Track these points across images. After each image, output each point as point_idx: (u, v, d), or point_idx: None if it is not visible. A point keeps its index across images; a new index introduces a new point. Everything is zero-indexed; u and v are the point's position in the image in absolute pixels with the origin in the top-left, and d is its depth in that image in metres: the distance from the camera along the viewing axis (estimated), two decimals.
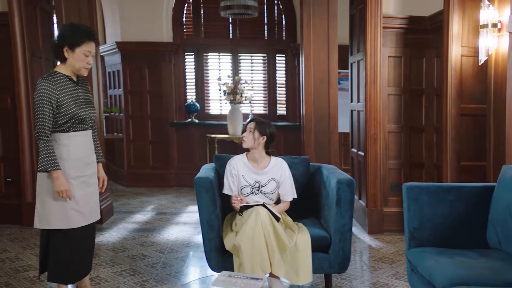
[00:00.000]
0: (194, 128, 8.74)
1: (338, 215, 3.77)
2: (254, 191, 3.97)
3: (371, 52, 5.60)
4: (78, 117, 3.30)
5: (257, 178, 3.98)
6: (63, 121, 3.24)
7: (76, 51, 3.26)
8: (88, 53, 3.30)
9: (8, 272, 4.36)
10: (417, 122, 5.80)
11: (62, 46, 3.26)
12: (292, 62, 9.07)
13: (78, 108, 3.30)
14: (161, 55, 8.58)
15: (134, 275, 4.34)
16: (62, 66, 3.34)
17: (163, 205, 7.23)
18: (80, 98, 3.34)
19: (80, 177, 3.36)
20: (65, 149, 3.28)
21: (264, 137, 3.96)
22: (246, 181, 3.97)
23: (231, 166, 4.02)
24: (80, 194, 3.35)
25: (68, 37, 3.27)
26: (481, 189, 3.57)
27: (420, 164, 5.84)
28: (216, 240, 3.74)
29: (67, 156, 3.29)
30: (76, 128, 3.31)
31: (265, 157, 4.04)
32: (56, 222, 3.29)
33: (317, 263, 3.75)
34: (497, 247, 3.38)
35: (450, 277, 2.86)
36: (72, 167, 3.31)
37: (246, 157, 4.06)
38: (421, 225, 3.51)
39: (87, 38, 3.29)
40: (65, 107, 3.24)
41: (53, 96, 3.20)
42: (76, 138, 3.32)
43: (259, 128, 3.97)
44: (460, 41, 4.94)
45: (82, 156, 3.37)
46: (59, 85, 3.25)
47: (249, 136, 3.97)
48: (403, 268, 4.58)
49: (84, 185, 3.39)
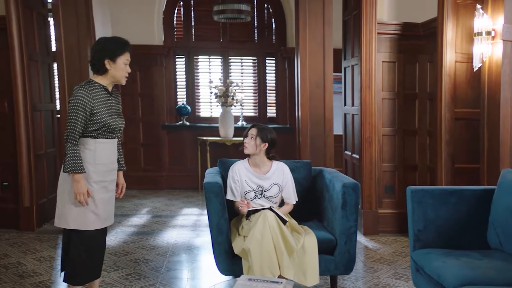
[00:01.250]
0: (185, 131, 8.80)
1: (344, 218, 3.88)
2: (258, 196, 4.06)
3: (366, 58, 5.73)
4: (109, 126, 3.43)
5: (260, 183, 4.07)
6: (94, 128, 3.37)
7: (117, 61, 3.42)
8: (127, 61, 3.49)
9: (12, 278, 4.37)
10: (410, 126, 5.95)
11: (104, 59, 3.40)
12: (282, 65, 9.18)
13: (109, 117, 3.43)
14: (153, 58, 8.61)
15: (140, 279, 4.39)
16: (98, 76, 3.47)
17: (157, 207, 7.28)
18: (112, 108, 3.48)
19: (101, 182, 3.47)
20: (91, 154, 3.41)
21: (266, 144, 4.05)
22: (249, 186, 4.06)
23: (233, 172, 4.10)
24: (100, 198, 3.47)
25: (109, 50, 3.43)
26: (482, 192, 3.72)
27: (414, 167, 5.99)
28: (225, 244, 3.82)
29: (92, 161, 3.41)
30: (105, 136, 3.44)
31: (266, 162, 4.13)
32: (74, 222, 3.40)
33: (323, 265, 3.86)
34: (498, 247, 3.53)
35: (459, 277, 2.99)
36: (96, 171, 3.42)
37: (248, 163, 4.14)
38: (425, 227, 3.64)
39: (125, 48, 3.48)
40: (99, 115, 3.37)
41: (88, 103, 3.32)
42: (103, 145, 3.45)
43: (261, 135, 4.05)
44: (454, 47, 5.09)
45: (106, 162, 3.48)
46: (95, 94, 3.38)
47: (251, 143, 4.06)
48: (402, 268, 4.72)
49: (104, 190, 3.50)
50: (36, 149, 5.90)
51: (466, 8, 5.03)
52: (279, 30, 9.19)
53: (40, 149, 6.04)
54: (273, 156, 4.15)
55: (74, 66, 5.88)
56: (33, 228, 5.81)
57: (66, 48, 5.87)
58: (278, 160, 4.18)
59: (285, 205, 4.14)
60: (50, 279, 4.32)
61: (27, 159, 5.80)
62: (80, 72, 5.87)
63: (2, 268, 4.58)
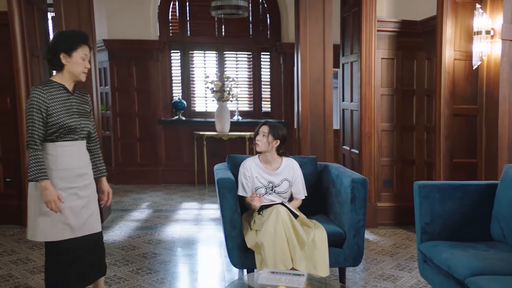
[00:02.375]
0: (181, 126, 8.86)
1: (352, 212, 4.00)
2: (268, 191, 4.17)
3: (366, 55, 5.86)
4: (67, 127, 3.21)
5: (270, 178, 4.17)
6: (52, 131, 3.16)
7: (73, 55, 3.21)
8: (85, 56, 3.26)
9: (24, 273, 4.42)
10: (408, 121, 6.09)
11: (59, 53, 3.22)
12: (277, 60, 9.28)
13: (68, 117, 3.22)
14: (148, 53, 8.65)
15: (151, 273, 4.47)
16: (58, 75, 3.28)
17: (156, 202, 7.35)
18: (73, 108, 3.26)
19: (69, 188, 3.24)
20: (52, 159, 3.19)
21: (278, 141, 4.15)
22: (260, 182, 4.16)
23: (245, 168, 4.20)
24: (69, 206, 3.23)
25: (63, 43, 3.24)
26: (485, 187, 3.86)
27: (411, 161, 6.14)
28: (238, 238, 3.92)
29: (54, 167, 3.19)
30: (65, 138, 3.21)
31: (277, 159, 4.23)
32: (42, 234, 3.23)
33: (333, 257, 3.97)
34: (501, 239, 3.68)
35: (469, 268, 3.13)
36: (60, 177, 3.21)
37: (259, 159, 4.24)
38: (432, 221, 3.78)
39: (82, 41, 3.27)
40: (55, 116, 3.16)
41: (43, 104, 3.14)
42: (64, 148, 3.22)
43: (273, 132, 4.14)
44: (452, 45, 5.22)
45: (71, 167, 3.25)
46: (51, 94, 3.19)
47: (263, 140, 4.15)
48: (404, 260, 4.87)
49: (74, 197, 3.26)
50: None
51: (465, 7, 5.17)
52: (274, 25, 9.28)
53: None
54: (283, 153, 4.25)
55: None
56: None
57: None
58: (287, 156, 4.29)
59: (294, 200, 4.25)
60: None
61: None
62: None
63: (12, 264, 4.63)
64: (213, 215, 6.62)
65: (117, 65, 8.55)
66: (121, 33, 8.47)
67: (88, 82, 5.94)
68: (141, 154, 8.75)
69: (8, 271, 4.45)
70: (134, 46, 8.54)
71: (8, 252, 4.99)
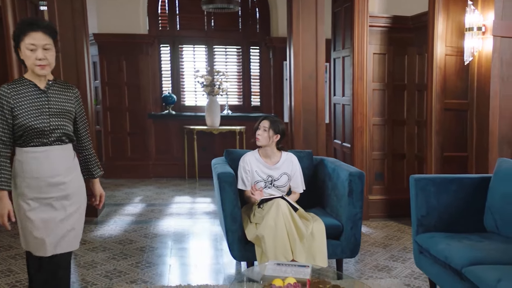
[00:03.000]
0: (171, 120, 8.88)
1: (350, 205, 4.09)
2: (267, 185, 4.24)
3: (359, 50, 5.94)
4: (33, 129, 2.84)
5: (270, 172, 4.25)
6: (18, 134, 2.83)
7: (21, 47, 2.82)
8: (32, 46, 2.79)
9: (24, 268, 4.37)
10: (399, 116, 6.20)
11: (16, 48, 2.88)
12: (266, 54, 9.33)
13: (35, 118, 2.85)
14: (138, 47, 8.65)
15: (150, 266, 4.52)
16: (28, 71, 2.92)
17: (149, 196, 7.38)
18: (43, 108, 2.88)
19: (40, 199, 2.89)
20: (19, 165, 2.86)
21: (278, 135, 4.22)
22: (259, 176, 4.24)
23: (245, 162, 4.27)
24: (40, 218, 2.89)
25: (14, 35, 2.87)
26: (479, 180, 3.97)
27: (402, 155, 6.26)
28: (239, 232, 3.99)
29: (22, 174, 2.86)
30: (32, 142, 2.85)
31: (276, 153, 4.31)
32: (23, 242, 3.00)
33: (330, 249, 4.07)
34: (494, 231, 3.79)
35: (466, 258, 3.23)
36: (27, 186, 2.87)
37: (259, 153, 4.31)
38: (428, 213, 3.87)
39: (27, 29, 2.81)
40: (19, 117, 2.82)
41: (6, 104, 2.81)
42: (30, 154, 2.86)
43: (273, 127, 4.22)
44: (444, 41, 5.32)
45: (41, 176, 2.88)
46: (17, 92, 2.85)
47: (264, 135, 4.22)
48: (397, 251, 4.98)
49: (47, 208, 2.90)
50: None
51: (456, 3, 5.26)
52: (263, 19, 9.33)
53: None
54: (282, 147, 4.33)
55: (70, 59, 5.89)
56: None
57: (62, 40, 5.85)
58: (286, 151, 4.36)
59: (292, 194, 4.33)
60: None
61: None
62: (76, 65, 5.89)
63: (11, 260, 4.64)
64: (206, 209, 6.68)
65: (107, 59, 8.53)
66: (111, 27, 8.45)
67: (82, 76, 5.94)
68: (132, 148, 8.76)
69: (8, 266, 4.46)
70: (124, 40, 8.53)
71: (5, 247, 4.99)
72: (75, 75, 5.90)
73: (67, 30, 5.85)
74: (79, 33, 5.92)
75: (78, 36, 5.92)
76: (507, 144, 4.79)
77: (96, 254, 4.79)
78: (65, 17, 5.83)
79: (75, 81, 5.87)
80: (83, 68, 5.94)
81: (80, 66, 5.91)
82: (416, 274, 4.37)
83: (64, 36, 5.83)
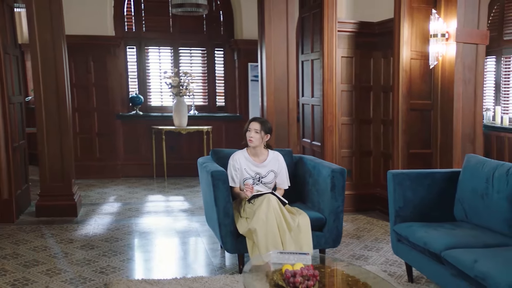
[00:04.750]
0: (139, 120, 9.01)
1: (332, 199, 4.42)
2: (255, 182, 4.52)
3: (328, 53, 6.28)
4: None
5: (258, 170, 4.53)
6: None
7: None
8: None
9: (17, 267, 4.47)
10: (366, 115, 6.60)
11: None
12: (230, 55, 9.59)
13: None
14: (106, 48, 8.73)
15: (142, 262, 4.71)
16: None
17: (122, 196, 7.50)
18: None
19: None
20: None
21: (268, 135, 4.52)
22: (248, 173, 4.51)
23: (234, 160, 4.53)
24: None
25: None
26: (450, 174, 4.37)
27: (369, 152, 6.66)
28: (231, 226, 4.25)
29: None
30: None
31: (264, 151, 4.60)
32: None
33: (315, 240, 4.38)
34: (464, 220, 4.19)
35: (444, 243, 3.61)
36: None
37: (247, 152, 4.59)
38: (405, 205, 4.24)
39: None
40: None
41: None
42: None
43: (264, 128, 4.52)
44: (409, 46, 5.73)
45: None
46: None
47: (256, 136, 4.51)
48: (370, 241, 5.36)
49: None
50: (13, 142, 5.96)
51: (420, 11, 5.68)
52: (227, 22, 9.57)
53: (15, 142, 6.10)
54: (269, 145, 4.62)
55: (49, 62, 5.97)
56: (13, 219, 5.87)
57: (41, 43, 5.93)
58: (272, 149, 4.65)
59: (278, 190, 4.63)
60: (56, 267, 4.51)
61: (5, 152, 5.84)
62: (55, 68, 5.98)
63: (3, 260, 4.70)
64: (181, 207, 6.88)
65: (75, 60, 8.54)
66: (78, 28, 8.48)
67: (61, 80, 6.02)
68: (100, 148, 8.83)
69: (1, 266, 4.54)
70: (91, 42, 8.59)
71: None
72: (54, 78, 5.99)
73: (45, 33, 5.93)
74: (57, 36, 6.02)
75: (57, 40, 6.01)
76: (469, 142, 5.25)
77: (86, 252, 4.93)
78: (43, 21, 5.90)
79: (54, 85, 5.97)
80: (62, 72, 6.05)
81: (59, 69, 6.02)
82: (391, 261, 4.75)
83: (43, 39, 5.91)
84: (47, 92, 5.99)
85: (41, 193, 6.15)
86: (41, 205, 6.09)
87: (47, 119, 6.01)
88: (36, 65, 5.93)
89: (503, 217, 3.78)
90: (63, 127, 6.08)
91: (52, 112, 6.02)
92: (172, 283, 4.07)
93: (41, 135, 6.02)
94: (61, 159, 6.12)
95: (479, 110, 5.43)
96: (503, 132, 7.66)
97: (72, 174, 6.27)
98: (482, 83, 5.46)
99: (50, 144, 6.06)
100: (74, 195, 6.26)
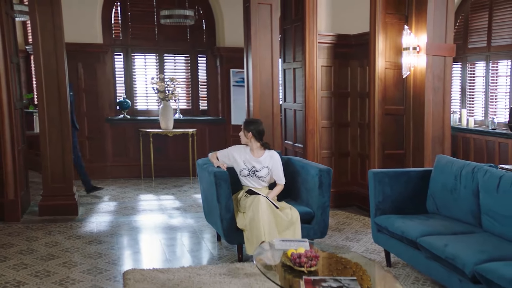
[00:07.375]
0: (127, 124, 9.45)
1: (320, 195, 5.00)
2: (251, 174, 5.09)
3: (309, 63, 6.86)
4: None
5: (254, 164, 5.11)
6: None
7: None
8: None
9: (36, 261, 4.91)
10: (344, 119, 7.21)
11: None
12: (213, 62, 10.09)
13: None
14: (95, 55, 9.14)
15: (149, 254, 5.20)
16: None
17: (115, 195, 7.94)
18: None
19: None
20: None
21: (250, 133, 5.10)
22: (245, 165, 5.10)
23: (235, 150, 5.18)
24: None
25: None
26: (423, 173, 5.00)
27: (347, 153, 7.27)
28: (232, 220, 4.78)
29: None
30: None
31: (260, 149, 5.18)
32: None
33: (305, 232, 4.94)
34: (435, 212, 4.82)
35: (419, 231, 4.22)
36: None
37: (248, 147, 5.17)
38: (384, 199, 4.85)
39: None
40: None
41: None
42: None
43: (245, 127, 5.18)
44: (384, 57, 6.35)
45: None
46: None
47: (242, 134, 5.18)
48: (351, 233, 5.95)
49: None
50: (18, 145, 6.34)
51: (393, 25, 6.31)
52: (209, 30, 10.06)
53: (19, 145, 6.48)
54: (265, 144, 5.18)
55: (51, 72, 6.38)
56: (18, 218, 6.26)
57: (44, 54, 6.33)
58: (269, 148, 5.22)
59: (277, 186, 5.20)
60: (71, 260, 4.95)
61: (11, 155, 6.22)
62: (57, 77, 6.39)
63: (19, 255, 5.11)
64: (173, 205, 7.37)
65: None
66: (68, 36, 8.83)
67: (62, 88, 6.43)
68: (90, 151, 9.23)
69: (20, 260, 4.94)
70: (81, 49, 8.99)
71: (7, 245, 5.40)
72: (56, 86, 6.40)
73: (48, 44, 6.34)
74: (59, 46, 6.42)
75: (58, 50, 6.42)
76: (438, 143, 5.90)
77: (95, 246, 5.38)
78: (47, 33, 6.31)
79: (57, 92, 6.39)
80: (64, 79, 6.45)
81: (61, 77, 6.42)
82: (370, 250, 5.34)
83: (46, 50, 6.32)
84: (49, 99, 6.39)
85: (44, 193, 6.55)
86: (44, 205, 6.49)
87: (50, 124, 6.41)
88: (39, 73, 6.33)
89: (469, 209, 4.42)
90: (64, 132, 6.50)
91: (54, 118, 6.42)
92: (181, 271, 4.58)
93: (43, 139, 6.42)
94: (63, 161, 6.54)
95: (447, 115, 6.07)
96: (468, 133, 8.38)
97: (72, 175, 6.69)
98: (450, 91, 6.10)
99: (52, 148, 6.47)
100: (75, 195, 6.68)
